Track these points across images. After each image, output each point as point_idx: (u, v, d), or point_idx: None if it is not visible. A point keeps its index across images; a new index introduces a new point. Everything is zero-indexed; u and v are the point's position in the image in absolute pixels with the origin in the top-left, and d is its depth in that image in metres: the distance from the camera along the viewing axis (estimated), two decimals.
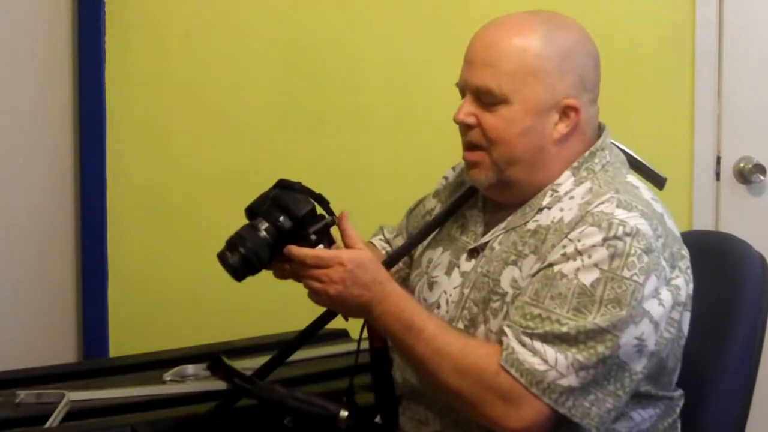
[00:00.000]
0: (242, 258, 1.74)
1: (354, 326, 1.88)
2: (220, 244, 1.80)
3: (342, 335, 2.44)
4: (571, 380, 1.63)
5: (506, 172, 1.77)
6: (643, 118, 3.04)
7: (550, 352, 1.63)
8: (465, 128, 1.78)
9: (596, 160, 1.79)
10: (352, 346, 2.33)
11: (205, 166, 2.96)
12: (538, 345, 1.64)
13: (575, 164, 1.78)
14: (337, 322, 1.89)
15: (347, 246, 1.75)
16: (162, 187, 2.98)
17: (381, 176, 2.98)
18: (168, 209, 2.99)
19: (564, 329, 1.63)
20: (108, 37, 2.91)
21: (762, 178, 3.07)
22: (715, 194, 3.08)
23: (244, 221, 1.80)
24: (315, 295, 1.73)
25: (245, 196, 1.83)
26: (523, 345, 1.65)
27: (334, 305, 1.75)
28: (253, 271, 1.76)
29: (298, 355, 2.37)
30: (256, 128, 2.97)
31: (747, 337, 1.91)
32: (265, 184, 1.83)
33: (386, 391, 1.85)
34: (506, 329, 1.68)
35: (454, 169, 2.02)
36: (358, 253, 1.72)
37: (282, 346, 1.94)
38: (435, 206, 2.01)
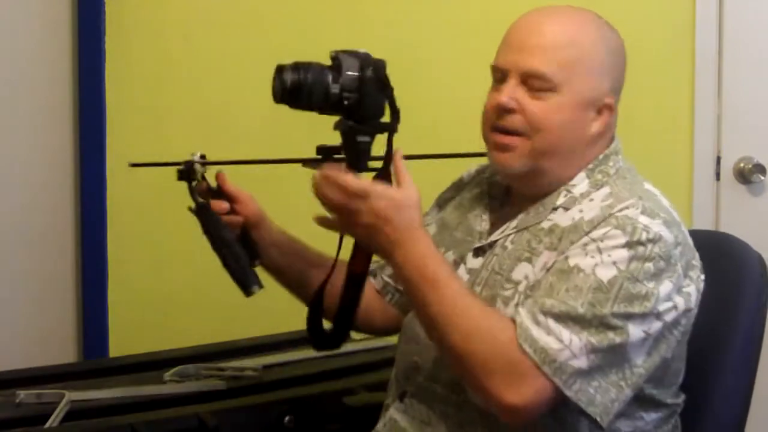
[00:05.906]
0: (297, 83, 1.69)
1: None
2: None
3: None
4: (581, 362, 1.61)
5: (541, 161, 1.75)
6: (643, 118, 3.03)
7: (564, 332, 1.62)
8: (503, 112, 1.75)
9: (610, 164, 1.79)
10: (352, 346, 2.34)
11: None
12: (552, 324, 1.62)
13: (590, 166, 1.78)
14: None
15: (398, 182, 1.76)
16: (162, 187, 2.97)
17: None
18: (168, 209, 2.98)
19: (580, 311, 1.62)
20: (108, 37, 2.91)
21: (762, 178, 3.07)
22: (715, 194, 3.08)
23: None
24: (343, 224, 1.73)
25: None
26: (537, 323, 1.63)
27: (361, 238, 1.74)
28: (300, 103, 1.71)
29: (299, 355, 2.38)
30: (256, 128, 2.96)
31: (747, 337, 1.91)
32: (265, 183, 1.82)
33: (348, 313, 1.84)
34: (519, 309, 1.66)
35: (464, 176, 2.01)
36: (401, 192, 1.74)
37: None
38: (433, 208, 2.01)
